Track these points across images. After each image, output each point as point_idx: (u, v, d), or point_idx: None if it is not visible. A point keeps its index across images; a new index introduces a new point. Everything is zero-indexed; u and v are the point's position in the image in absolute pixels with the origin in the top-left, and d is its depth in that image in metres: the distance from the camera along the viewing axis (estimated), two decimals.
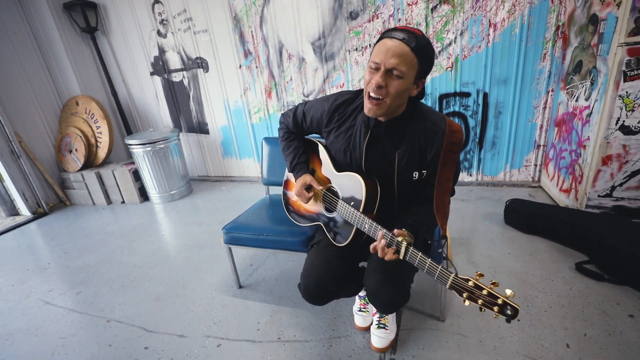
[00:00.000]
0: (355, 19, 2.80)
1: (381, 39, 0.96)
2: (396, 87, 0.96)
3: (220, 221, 2.83)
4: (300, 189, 1.33)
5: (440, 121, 1.10)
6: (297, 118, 1.35)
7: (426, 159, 1.10)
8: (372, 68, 0.97)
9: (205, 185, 3.84)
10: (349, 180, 1.20)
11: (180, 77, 3.61)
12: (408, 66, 0.94)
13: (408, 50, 0.92)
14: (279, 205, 2.03)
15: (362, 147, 1.15)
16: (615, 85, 1.82)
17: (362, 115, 1.14)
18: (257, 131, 3.55)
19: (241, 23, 3.14)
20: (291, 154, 1.40)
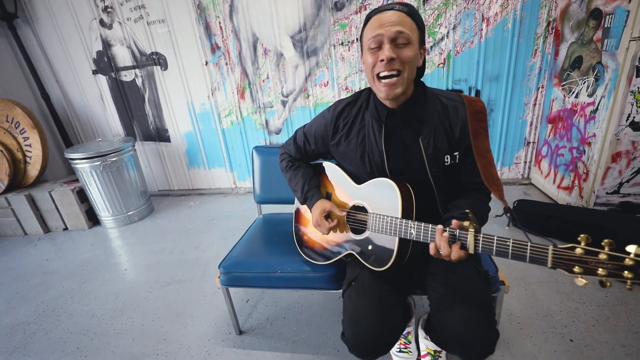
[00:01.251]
0: (340, 10, 2.53)
1: (369, 18, 0.91)
2: (408, 54, 0.87)
3: (196, 246, 2.39)
4: (319, 217, 1.12)
5: (454, 95, 1.01)
6: (298, 143, 1.23)
7: (454, 136, 0.97)
8: (373, 47, 0.89)
9: (169, 201, 3.32)
10: (374, 187, 1.04)
11: (131, 76, 3.06)
12: (411, 30, 0.87)
13: (404, 16, 0.87)
14: (278, 225, 1.70)
15: (381, 145, 1.01)
16: (627, 80, 1.77)
17: (370, 111, 1.03)
18: (228, 137, 3.13)
19: (206, 12, 2.71)
20: (300, 182, 1.21)
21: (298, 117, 2.93)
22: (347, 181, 1.13)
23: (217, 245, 2.37)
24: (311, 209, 1.16)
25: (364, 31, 0.93)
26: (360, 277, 1.05)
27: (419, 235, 0.90)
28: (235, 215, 2.81)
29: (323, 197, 1.16)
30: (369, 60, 0.90)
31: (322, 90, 2.81)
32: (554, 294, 1.63)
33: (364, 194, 1.07)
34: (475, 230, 0.79)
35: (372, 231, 1.03)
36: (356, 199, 1.10)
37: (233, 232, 2.53)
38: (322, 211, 1.12)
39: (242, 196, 3.24)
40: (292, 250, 1.37)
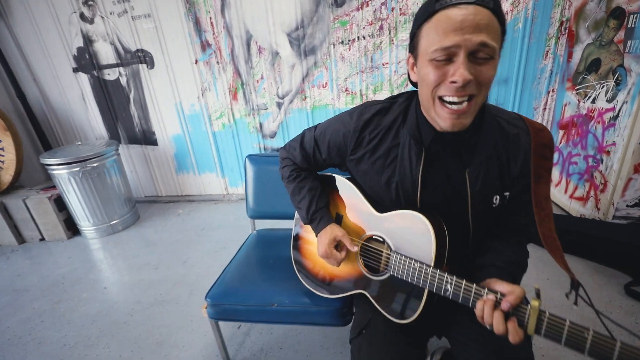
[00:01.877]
0: (341, 6, 2.36)
1: (436, 11, 0.63)
2: (490, 73, 0.64)
3: (184, 260, 2.20)
4: (328, 247, 0.92)
5: (516, 119, 0.80)
6: (306, 149, 0.99)
7: (510, 173, 0.78)
8: (439, 60, 0.63)
9: (156, 208, 3.11)
10: (401, 221, 0.83)
11: (115, 75, 2.85)
12: (496, 37, 0.62)
13: (490, 15, 0.61)
14: (274, 243, 1.53)
15: (417, 174, 0.80)
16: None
17: (409, 129, 0.80)
18: (220, 140, 2.94)
19: (196, 7, 2.51)
20: (306, 199, 1.00)
21: (294, 120, 2.75)
22: (364, 205, 0.92)
23: (207, 260, 2.18)
24: (317, 234, 0.97)
25: (423, 28, 0.66)
26: (372, 325, 0.88)
27: (457, 295, 0.71)
28: (226, 225, 2.63)
29: (333, 221, 0.97)
30: (431, 76, 0.65)
31: (320, 92, 2.63)
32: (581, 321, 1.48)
33: (386, 226, 0.87)
34: (541, 311, 0.62)
35: (393, 274, 0.84)
36: (374, 230, 0.90)
37: (224, 244, 2.34)
38: (332, 240, 0.92)
39: (235, 203, 3.05)
40: (291, 276, 1.19)
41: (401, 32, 2.36)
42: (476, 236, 0.83)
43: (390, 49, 2.42)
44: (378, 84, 2.54)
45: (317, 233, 0.97)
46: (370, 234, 0.92)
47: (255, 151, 2.91)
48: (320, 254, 0.95)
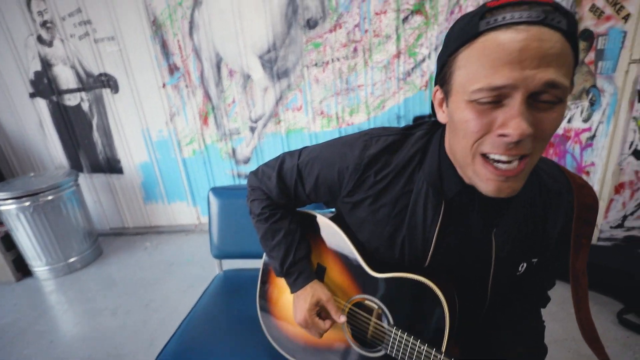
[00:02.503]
0: (313, 28, 2.31)
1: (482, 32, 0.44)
2: (555, 122, 0.45)
3: (147, 303, 1.98)
4: (308, 315, 0.74)
5: (557, 172, 0.63)
6: (285, 180, 0.75)
7: (545, 239, 0.63)
8: (483, 102, 0.45)
9: (122, 241, 2.88)
10: (404, 289, 0.67)
11: (77, 100, 2.67)
12: (569, 73, 0.44)
13: (562, 40, 0.42)
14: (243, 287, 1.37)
15: (431, 233, 0.62)
16: (629, 105, 1.62)
17: (427, 175, 0.61)
18: (190, 167, 2.77)
19: (163, 29, 2.40)
20: (281, 247, 0.78)
21: (269, 145, 2.63)
22: (355, 260, 0.74)
23: (172, 302, 1.97)
24: (294, 292, 0.78)
25: (459, 54, 0.48)
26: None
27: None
28: (196, 260, 2.43)
29: (315, 278, 0.78)
30: (472, 125, 0.47)
31: (294, 115, 2.53)
32: (576, 357, 1.37)
33: (384, 291, 0.71)
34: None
35: (391, 354, 0.69)
36: (368, 293, 0.73)
37: (192, 281, 2.14)
38: (314, 305, 0.74)
39: (207, 233, 2.84)
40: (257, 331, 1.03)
41: (375, 54, 2.32)
42: (492, 305, 0.69)
43: (365, 70, 2.37)
44: (354, 106, 2.47)
45: (294, 292, 0.78)
46: (363, 297, 0.74)
47: (228, 178, 2.76)
48: (298, 322, 0.77)
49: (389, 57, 2.32)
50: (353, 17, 2.26)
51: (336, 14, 2.26)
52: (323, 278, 0.82)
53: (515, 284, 0.69)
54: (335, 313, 0.73)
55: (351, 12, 2.25)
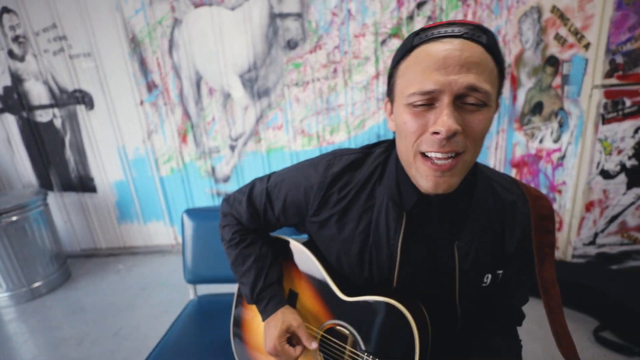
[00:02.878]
0: (294, 48, 2.34)
1: (416, 46, 0.52)
2: (482, 123, 0.51)
3: (116, 331, 1.87)
4: (278, 343, 0.71)
5: (511, 183, 0.68)
6: (254, 204, 0.77)
7: (505, 249, 0.65)
8: (417, 105, 0.51)
9: (93, 264, 2.73)
10: (374, 312, 0.66)
11: (49, 116, 2.58)
12: (491, 79, 0.51)
13: (482, 51, 0.49)
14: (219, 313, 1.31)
15: (395, 245, 0.64)
16: (594, 128, 1.70)
17: (386, 189, 0.65)
18: (168, 186, 2.70)
19: (142, 47, 2.38)
20: (251, 272, 0.77)
21: (249, 163, 2.60)
22: (326, 284, 0.73)
23: (143, 329, 1.87)
24: (264, 319, 0.76)
25: (399, 67, 0.55)
26: None
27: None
28: (172, 282, 2.33)
29: (286, 304, 0.77)
30: (409, 126, 0.53)
31: (275, 134, 2.53)
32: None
33: (354, 315, 0.69)
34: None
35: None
36: (340, 318, 0.72)
37: (166, 306, 2.05)
38: (284, 332, 0.72)
39: None
40: None
41: (355, 75, 2.36)
42: (464, 319, 0.69)
43: (345, 91, 2.40)
44: (335, 125, 2.49)
45: (265, 319, 0.76)
46: (334, 322, 0.73)
47: (207, 197, 2.70)
48: (268, 350, 0.74)
49: (368, 78, 2.37)
50: (333, 39, 2.31)
51: (316, 35, 2.30)
52: (295, 304, 0.80)
53: (485, 300, 0.70)
54: (307, 339, 0.72)
55: (331, 34, 2.30)
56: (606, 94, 1.64)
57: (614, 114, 1.67)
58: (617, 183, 1.77)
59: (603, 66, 1.61)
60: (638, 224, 1.83)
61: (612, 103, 1.66)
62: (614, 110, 1.66)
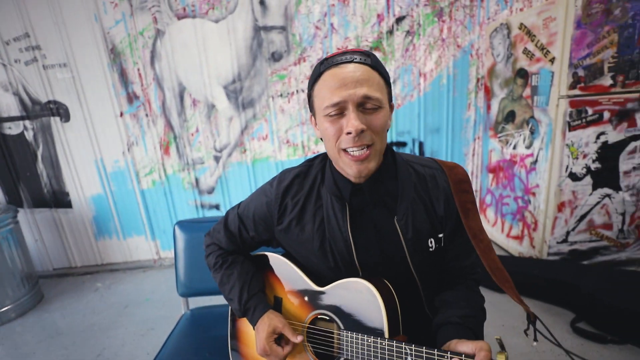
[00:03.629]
0: (278, 60, 2.38)
1: (322, 73, 0.69)
2: (380, 121, 0.68)
3: (99, 352, 1.78)
4: (266, 343, 0.78)
5: (429, 161, 0.83)
6: (230, 229, 0.90)
7: (437, 214, 0.77)
8: (332, 115, 0.68)
9: (67, 283, 2.59)
10: (344, 292, 0.76)
11: (19, 129, 2.45)
12: (379, 89, 0.68)
13: (370, 70, 0.67)
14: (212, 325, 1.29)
15: (346, 230, 0.76)
16: (562, 135, 1.84)
17: (327, 187, 0.79)
18: (149, 199, 2.62)
19: (122, 58, 2.34)
20: (236, 287, 0.86)
21: (234, 174, 2.58)
22: (303, 281, 0.83)
23: (129, 348, 1.79)
24: (254, 326, 0.83)
25: (314, 89, 0.71)
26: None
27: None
28: (156, 298, 2.24)
29: (270, 308, 0.84)
30: (330, 131, 0.69)
31: (260, 144, 2.54)
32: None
33: (330, 300, 0.78)
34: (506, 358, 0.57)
35: (348, 357, 0.73)
36: (319, 308, 0.80)
37: (152, 324, 1.97)
38: (271, 334, 0.78)
39: (168, 269, 2.67)
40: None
41: None
42: (427, 290, 0.79)
43: None
44: None
45: (254, 326, 0.83)
46: (315, 313, 0.80)
47: (191, 208, 2.65)
48: (259, 352, 0.80)
49: None
50: (316, 52, 2.37)
51: (300, 48, 2.36)
52: (281, 309, 0.87)
53: (440, 268, 0.81)
54: (292, 335, 0.78)
55: (314, 47, 2.36)
56: (571, 104, 1.80)
57: (579, 121, 1.82)
58: (584, 184, 1.92)
59: (567, 78, 1.76)
60: (604, 221, 1.99)
61: (576, 112, 1.81)
62: (578, 118, 1.81)
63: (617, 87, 1.77)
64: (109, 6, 2.25)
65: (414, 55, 2.41)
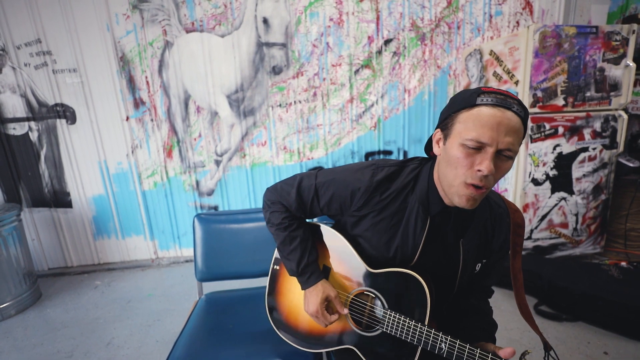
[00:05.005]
0: (278, 74, 2.60)
1: (474, 105, 0.71)
2: (505, 170, 0.73)
3: (108, 341, 1.87)
4: (320, 307, 0.92)
5: (499, 199, 0.92)
6: (302, 197, 0.95)
7: (492, 246, 0.89)
8: (470, 147, 0.70)
9: (64, 282, 2.63)
10: (396, 280, 0.87)
11: (24, 129, 2.52)
12: (520, 142, 0.72)
13: (520, 123, 0.70)
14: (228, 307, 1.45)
15: (419, 240, 0.85)
16: (525, 146, 2.16)
17: (419, 198, 0.85)
18: (150, 200, 2.74)
19: (131, 65, 2.49)
20: (297, 251, 0.96)
21: (233, 178, 2.75)
22: (355, 259, 0.94)
23: (138, 337, 1.89)
24: (305, 289, 0.96)
25: (461, 113, 0.72)
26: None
27: (452, 354, 0.78)
28: (158, 294, 2.35)
29: (323, 277, 0.97)
30: (461, 161, 0.72)
31: (259, 150, 2.73)
32: (509, 342, 1.69)
33: (380, 283, 0.91)
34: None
35: (386, 330, 0.88)
36: (366, 285, 0.93)
37: (158, 316, 2.08)
38: (324, 300, 0.92)
39: (166, 268, 2.77)
40: (256, 339, 1.15)
41: (332, 99, 2.68)
42: (456, 294, 0.93)
43: (324, 112, 2.71)
44: (314, 142, 2.76)
45: (305, 288, 0.96)
46: (362, 289, 0.93)
47: (190, 210, 2.78)
48: (310, 313, 0.93)
49: (343, 102, 2.70)
50: (313, 67, 2.62)
51: (298, 63, 2.60)
52: (328, 277, 1.00)
53: (471, 278, 0.94)
54: (340, 307, 0.92)
55: (311, 63, 2.61)
56: (532, 120, 2.12)
57: (539, 134, 2.14)
58: (544, 189, 2.24)
59: (529, 98, 2.09)
60: (561, 221, 2.31)
61: (536, 126, 2.13)
62: (538, 132, 2.14)
63: (568, 107, 2.12)
64: (121, 17, 2.42)
65: (399, 73, 2.71)
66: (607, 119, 2.19)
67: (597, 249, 2.42)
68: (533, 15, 2.73)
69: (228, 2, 2.47)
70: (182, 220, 2.79)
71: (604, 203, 2.34)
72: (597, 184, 2.29)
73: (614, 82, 2.14)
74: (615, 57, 2.11)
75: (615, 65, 2.12)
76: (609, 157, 2.26)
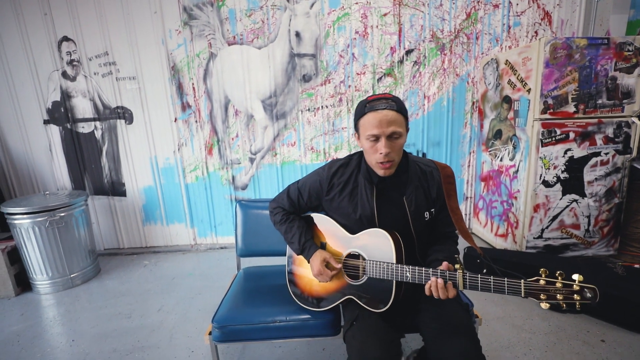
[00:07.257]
0: (308, 81, 2.89)
1: (365, 113, 1.07)
2: (399, 145, 1.08)
3: (159, 308, 2.20)
4: (321, 266, 1.22)
5: (429, 162, 1.24)
6: (292, 198, 1.33)
7: (431, 196, 1.19)
8: (372, 140, 1.07)
9: (117, 261, 3.03)
10: (369, 237, 1.18)
11: (90, 128, 2.96)
12: (401, 125, 1.07)
13: (396, 114, 1.05)
14: (262, 278, 1.72)
15: (372, 203, 1.17)
16: (536, 149, 2.30)
17: (363, 175, 1.20)
18: (192, 192, 3.09)
19: (180, 74, 2.86)
20: (296, 234, 1.30)
21: (265, 174, 3.06)
22: (340, 231, 1.25)
23: (183, 306, 2.21)
24: (309, 259, 1.26)
25: (361, 120, 1.09)
26: (361, 317, 1.15)
27: (414, 278, 1.05)
28: (198, 274, 2.68)
29: (320, 248, 1.27)
30: (367, 148, 1.10)
31: (289, 150, 3.02)
32: (510, 328, 1.85)
33: (358, 243, 1.20)
34: (463, 270, 0.98)
35: (370, 276, 1.16)
36: (351, 248, 1.22)
37: (199, 290, 2.40)
38: (323, 261, 1.22)
39: (203, 253, 3.11)
40: (285, 301, 1.41)
41: (357, 104, 2.92)
42: (420, 244, 1.20)
43: (348, 116, 2.96)
44: (339, 144, 3.01)
45: (309, 259, 1.26)
46: (349, 251, 1.23)
47: (226, 202, 3.11)
48: (315, 273, 1.23)
49: None
50: (339, 75, 2.88)
51: (326, 72, 2.87)
52: (325, 249, 1.30)
53: (428, 229, 1.21)
54: (335, 263, 1.22)
55: (338, 72, 2.87)
56: (543, 125, 2.27)
57: (549, 139, 2.28)
58: (555, 191, 2.36)
59: (540, 105, 2.24)
60: (572, 222, 2.42)
61: (547, 132, 2.28)
62: (549, 137, 2.28)
63: (580, 114, 2.25)
64: (174, 33, 2.79)
65: (420, 81, 2.92)
66: (620, 125, 2.29)
67: (611, 251, 2.50)
68: (552, 25, 2.86)
69: (265, 18, 2.79)
70: (219, 211, 3.12)
71: (617, 206, 2.42)
72: (610, 188, 2.38)
73: (626, 90, 2.24)
74: (628, 66, 2.22)
75: (628, 74, 2.23)
76: (622, 162, 2.35)
